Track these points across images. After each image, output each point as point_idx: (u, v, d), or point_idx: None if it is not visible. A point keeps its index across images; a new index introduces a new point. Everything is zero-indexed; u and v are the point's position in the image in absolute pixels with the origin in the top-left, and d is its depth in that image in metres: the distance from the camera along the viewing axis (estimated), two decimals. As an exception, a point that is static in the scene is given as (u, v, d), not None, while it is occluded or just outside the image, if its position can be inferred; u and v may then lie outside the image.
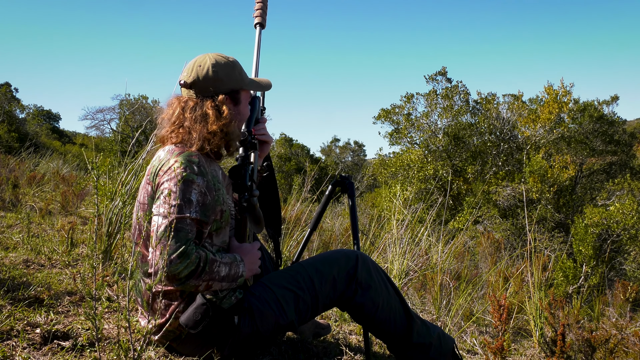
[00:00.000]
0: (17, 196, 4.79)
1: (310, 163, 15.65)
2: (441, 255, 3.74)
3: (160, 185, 1.51)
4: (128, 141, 15.21)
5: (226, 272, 1.52)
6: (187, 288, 1.46)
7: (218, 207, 1.57)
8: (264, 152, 1.94)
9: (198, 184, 1.50)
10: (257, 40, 2.06)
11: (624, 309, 3.94)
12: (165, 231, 1.42)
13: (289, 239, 3.77)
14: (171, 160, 1.54)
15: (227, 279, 1.53)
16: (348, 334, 2.44)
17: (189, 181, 1.49)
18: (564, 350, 1.72)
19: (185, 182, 1.48)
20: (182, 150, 1.58)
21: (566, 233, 9.05)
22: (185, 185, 1.48)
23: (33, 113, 23.50)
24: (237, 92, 1.70)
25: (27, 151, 9.23)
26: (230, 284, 1.55)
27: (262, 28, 2.09)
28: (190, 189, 1.49)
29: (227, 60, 1.68)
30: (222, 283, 1.52)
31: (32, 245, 2.99)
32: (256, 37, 2.07)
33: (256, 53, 2.03)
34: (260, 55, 2.04)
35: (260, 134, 1.90)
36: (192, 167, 1.51)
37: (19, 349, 1.52)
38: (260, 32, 2.08)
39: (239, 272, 1.57)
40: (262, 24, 2.09)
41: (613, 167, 11.82)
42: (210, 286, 1.49)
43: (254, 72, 1.98)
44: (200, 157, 1.58)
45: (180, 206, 1.45)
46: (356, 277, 1.73)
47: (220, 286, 1.52)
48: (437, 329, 1.84)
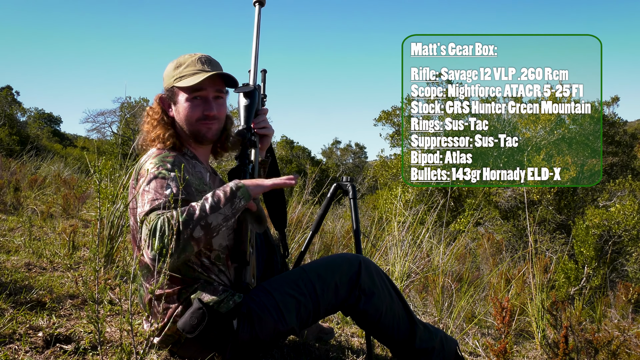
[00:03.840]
0: (19, 199, 4.80)
1: (311, 165, 15.66)
2: (442, 257, 3.74)
3: (138, 188, 1.52)
4: (129, 144, 15.22)
5: (212, 201, 1.40)
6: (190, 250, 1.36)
7: None
8: (265, 145, 1.85)
9: (172, 178, 1.47)
10: (256, 19, 1.93)
11: (626, 311, 3.93)
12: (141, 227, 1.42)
13: (290, 242, 3.77)
14: (147, 163, 1.56)
15: (219, 203, 1.40)
16: (350, 336, 2.44)
17: (161, 178, 1.48)
18: (566, 352, 1.72)
19: (157, 180, 1.48)
20: (159, 152, 1.60)
21: (567, 234, 9.03)
22: (157, 182, 1.48)
23: (34, 116, 23.51)
24: (171, 90, 1.68)
25: (29, 154, 9.23)
26: (232, 203, 1.42)
27: (261, 6, 1.95)
28: (164, 184, 1.47)
29: (178, 58, 1.69)
30: (219, 211, 1.39)
31: (33, 249, 2.99)
32: (255, 15, 1.94)
33: (256, 33, 1.90)
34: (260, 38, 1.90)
35: (261, 127, 1.79)
36: (165, 165, 1.52)
37: (21, 352, 1.52)
38: (260, 10, 1.95)
39: (232, 187, 1.45)
40: (262, 2, 1.95)
41: (614, 168, 11.81)
42: (209, 224, 1.37)
43: (254, 53, 1.87)
44: (178, 158, 1.58)
45: (153, 200, 1.43)
46: (359, 283, 1.69)
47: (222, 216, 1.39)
48: (440, 332, 1.83)
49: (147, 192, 1.47)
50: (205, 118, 1.65)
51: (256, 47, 1.88)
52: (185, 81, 1.63)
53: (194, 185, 1.56)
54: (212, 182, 1.70)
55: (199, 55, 1.68)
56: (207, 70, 1.64)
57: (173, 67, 1.68)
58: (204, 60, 1.67)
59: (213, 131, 1.68)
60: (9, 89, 20.62)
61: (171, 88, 1.67)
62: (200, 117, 1.65)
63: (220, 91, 1.69)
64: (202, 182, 1.62)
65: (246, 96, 1.75)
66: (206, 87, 1.64)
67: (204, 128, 1.66)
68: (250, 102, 1.75)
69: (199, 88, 1.63)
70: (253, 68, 1.86)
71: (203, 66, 1.65)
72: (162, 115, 1.69)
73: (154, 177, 1.49)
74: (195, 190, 1.56)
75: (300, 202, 4.93)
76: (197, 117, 1.65)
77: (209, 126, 1.66)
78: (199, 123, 1.65)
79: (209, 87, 1.64)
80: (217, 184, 1.73)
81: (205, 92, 1.65)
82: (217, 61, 1.71)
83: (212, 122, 1.67)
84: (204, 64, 1.66)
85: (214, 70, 1.65)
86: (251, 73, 1.85)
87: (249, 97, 1.75)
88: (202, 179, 1.63)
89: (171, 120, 1.70)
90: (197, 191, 1.57)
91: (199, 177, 1.62)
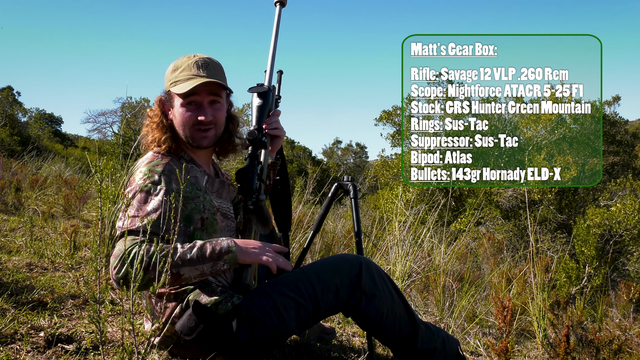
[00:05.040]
0: (20, 199, 4.80)
1: (312, 165, 15.65)
2: (444, 257, 3.74)
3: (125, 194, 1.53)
4: (130, 144, 15.22)
5: (195, 253, 1.42)
6: (146, 286, 1.38)
7: (197, 215, 1.56)
8: (276, 146, 1.84)
9: (156, 193, 1.48)
10: (276, 20, 1.89)
11: (627, 310, 3.93)
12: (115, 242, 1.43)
13: (291, 242, 3.77)
14: (137, 170, 1.56)
15: (201, 260, 1.42)
16: (351, 336, 2.44)
17: (146, 192, 1.48)
18: (568, 351, 1.72)
19: (141, 193, 1.48)
20: (152, 159, 1.58)
21: (568, 234, 9.03)
22: (141, 196, 1.48)
23: (35, 116, 23.54)
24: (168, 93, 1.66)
25: (30, 155, 9.24)
26: (214, 263, 1.44)
27: (282, 6, 1.92)
28: (148, 198, 1.48)
29: (177, 59, 1.67)
30: (197, 266, 1.41)
31: (35, 249, 2.99)
32: (275, 16, 1.90)
33: (274, 33, 1.87)
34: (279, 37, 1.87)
35: (272, 127, 1.78)
36: (152, 176, 1.51)
37: (23, 352, 1.52)
38: (280, 10, 1.91)
39: (223, 247, 1.46)
40: (283, 2, 1.92)
41: (615, 168, 11.80)
42: (179, 274, 1.39)
43: (271, 53, 1.84)
44: (169, 165, 1.56)
45: (133, 217, 1.45)
46: (360, 285, 1.67)
47: (196, 271, 1.42)
48: (442, 332, 1.82)
49: (130, 206, 1.48)
50: (199, 124, 1.62)
51: (274, 48, 1.86)
52: (178, 87, 1.60)
53: (184, 193, 1.53)
54: (209, 185, 1.67)
55: (196, 59, 1.64)
56: (201, 75, 1.60)
57: (171, 70, 1.66)
58: (200, 63, 1.63)
59: (209, 138, 1.65)
60: (10, 89, 20.64)
61: (168, 91, 1.66)
62: (194, 122, 1.62)
63: (216, 95, 1.64)
64: (195, 188, 1.59)
65: (260, 96, 1.73)
66: (200, 92, 1.60)
67: (199, 135, 1.63)
68: (263, 102, 1.73)
69: (192, 93, 1.60)
70: (269, 68, 1.84)
71: (198, 71, 1.61)
72: (161, 117, 1.67)
73: (139, 189, 1.49)
74: (185, 198, 1.53)
75: (301, 202, 4.93)
76: (192, 123, 1.62)
77: (204, 134, 1.63)
78: (194, 129, 1.62)
79: (202, 93, 1.61)
80: (216, 187, 1.71)
81: (200, 97, 1.61)
82: (216, 62, 1.67)
83: (207, 128, 1.64)
84: (199, 69, 1.62)
85: (209, 74, 1.62)
86: (267, 73, 1.83)
87: (263, 97, 1.73)
88: (195, 184, 1.60)
89: (170, 123, 1.67)
90: (188, 199, 1.55)
91: (192, 183, 1.59)
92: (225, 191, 1.76)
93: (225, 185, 1.77)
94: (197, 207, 1.57)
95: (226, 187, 1.78)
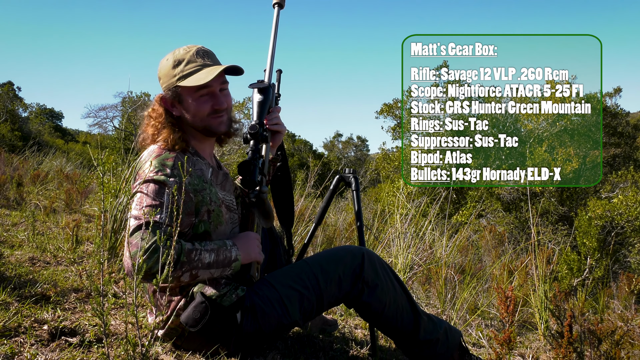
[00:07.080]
0: (22, 194, 4.81)
1: (313, 158, 15.65)
2: (445, 249, 3.74)
3: (135, 187, 1.52)
4: (131, 139, 15.22)
5: (212, 258, 1.49)
6: (170, 282, 1.41)
7: (204, 207, 1.57)
8: (277, 142, 1.89)
9: (169, 186, 1.48)
10: (274, 21, 1.94)
11: (628, 301, 3.94)
12: (134, 232, 1.42)
13: (293, 234, 3.78)
14: (147, 163, 1.55)
15: (215, 265, 1.49)
16: (354, 327, 2.44)
17: (160, 183, 1.49)
18: (570, 341, 1.72)
19: (155, 184, 1.48)
20: (160, 152, 1.58)
21: (570, 226, 9.04)
22: (155, 187, 1.48)
23: (36, 112, 23.54)
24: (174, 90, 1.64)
25: (31, 150, 9.25)
26: (223, 269, 1.52)
27: (280, 8, 1.96)
28: (161, 192, 1.48)
29: (171, 54, 1.65)
30: (211, 270, 1.49)
31: (37, 243, 3.00)
32: (274, 17, 1.95)
33: (273, 34, 1.91)
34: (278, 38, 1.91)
35: (273, 123, 1.84)
36: (164, 170, 1.51)
37: (27, 345, 1.53)
38: (279, 12, 1.95)
39: (232, 257, 1.54)
40: (281, 4, 1.96)
41: (617, 160, 11.79)
42: (196, 275, 1.46)
43: (270, 53, 1.89)
44: (178, 158, 1.56)
45: (149, 207, 1.45)
46: (362, 276, 1.69)
47: (209, 274, 1.49)
48: (444, 323, 1.83)
49: (145, 195, 1.47)
50: (215, 112, 1.64)
51: (273, 48, 1.90)
52: (191, 79, 1.59)
53: (192, 186, 1.55)
54: (214, 177, 1.69)
55: (195, 49, 1.63)
56: (208, 64, 1.62)
57: (171, 66, 1.62)
58: (202, 53, 1.63)
59: (225, 123, 1.68)
60: (10, 84, 20.63)
61: (174, 88, 1.63)
62: (210, 112, 1.63)
63: (224, 82, 1.67)
64: (201, 180, 1.60)
65: (260, 92, 1.75)
66: (212, 82, 1.61)
67: (215, 122, 1.65)
68: (264, 98, 1.75)
69: (206, 85, 1.60)
70: (269, 67, 1.87)
71: (204, 60, 1.62)
72: (166, 116, 1.66)
73: (152, 181, 1.49)
74: (194, 190, 1.55)
75: (302, 195, 4.93)
76: (208, 113, 1.63)
77: (220, 119, 1.66)
78: (209, 118, 1.64)
79: (214, 82, 1.62)
80: (220, 179, 1.72)
81: (212, 87, 1.63)
82: (211, 51, 1.69)
83: (222, 114, 1.66)
84: (203, 58, 1.63)
85: (214, 62, 1.64)
86: (267, 72, 1.86)
87: (263, 93, 1.76)
88: (201, 177, 1.61)
89: (177, 120, 1.67)
90: (196, 191, 1.56)
91: (199, 176, 1.61)
92: (228, 183, 1.77)
93: (228, 178, 1.78)
94: (204, 199, 1.57)
95: (229, 180, 1.78)
